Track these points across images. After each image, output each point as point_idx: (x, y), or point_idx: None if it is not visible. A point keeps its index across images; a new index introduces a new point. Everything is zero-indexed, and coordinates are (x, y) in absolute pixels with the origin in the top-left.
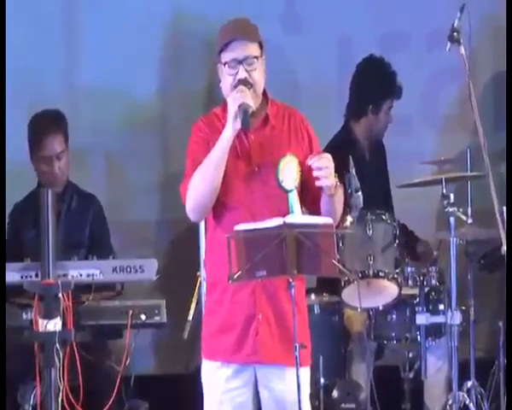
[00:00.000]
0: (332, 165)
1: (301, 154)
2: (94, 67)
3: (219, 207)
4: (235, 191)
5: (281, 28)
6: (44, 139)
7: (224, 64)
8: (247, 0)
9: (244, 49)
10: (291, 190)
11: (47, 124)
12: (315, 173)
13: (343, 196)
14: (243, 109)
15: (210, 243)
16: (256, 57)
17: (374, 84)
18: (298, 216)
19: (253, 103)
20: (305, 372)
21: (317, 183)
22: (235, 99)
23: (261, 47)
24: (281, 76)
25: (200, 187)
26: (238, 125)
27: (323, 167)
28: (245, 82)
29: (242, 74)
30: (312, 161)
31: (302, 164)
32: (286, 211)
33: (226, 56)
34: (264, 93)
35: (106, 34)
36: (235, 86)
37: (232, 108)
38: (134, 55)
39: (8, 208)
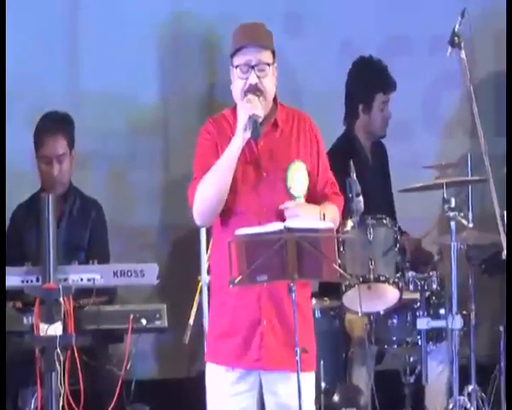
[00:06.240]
0: (302, 212)
1: (310, 158)
2: (95, 71)
3: (226, 212)
4: (242, 196)
5: (282, 31)
6: (46, 138)
7: (236, 67)
8: (249, 3)
9: (257, 55)
10: (299, 197)
11: (51, 124)
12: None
13: (338, 216)
14: (253, 121)
15: (216, 247)
16: (268, 64)
17: (361, 82)
18: (300, 220)
19: (262, 112)
20: (310, 378)
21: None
22: (245, 109)
23: (274, 55)
24: (282, 79)
25: (208, 193)
26: (248, 135)
27: (293, 216)
28: (255, 89)
29: (253, 79)
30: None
31: (310, 170)
32: None
33: (238, 59)
34: (274, 98)
35: (108, 39)
36: (246, 92)
37: (242, 119)
38: (136, 60)
39: (12, 210)
